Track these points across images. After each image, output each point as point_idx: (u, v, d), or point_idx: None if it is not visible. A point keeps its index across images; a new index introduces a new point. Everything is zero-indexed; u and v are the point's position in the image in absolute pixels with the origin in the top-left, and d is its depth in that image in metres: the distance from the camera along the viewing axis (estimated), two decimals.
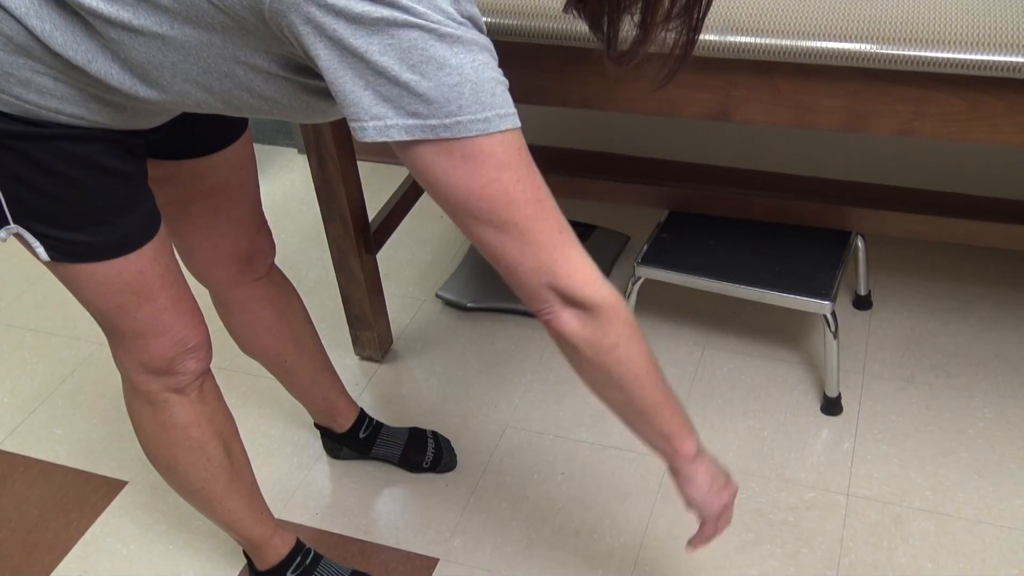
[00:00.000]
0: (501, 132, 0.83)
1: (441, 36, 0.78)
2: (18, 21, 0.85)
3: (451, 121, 0.81)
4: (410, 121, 0.81)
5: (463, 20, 0.80)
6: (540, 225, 0.87)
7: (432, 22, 0.78)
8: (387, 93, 0.80)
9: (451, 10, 0.79)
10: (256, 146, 2.63)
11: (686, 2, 0.86)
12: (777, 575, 1.44)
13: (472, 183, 0.85)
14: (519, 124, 0.85)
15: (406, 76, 0.78)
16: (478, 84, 0.80)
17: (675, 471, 1.07)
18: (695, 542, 1.12)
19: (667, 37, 0.89)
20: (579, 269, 0.89)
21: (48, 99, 0.90)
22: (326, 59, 0.79)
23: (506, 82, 0.84)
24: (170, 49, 0.86)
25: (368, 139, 0.82)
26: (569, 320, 0.91)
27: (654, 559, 1.48)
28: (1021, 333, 1.84)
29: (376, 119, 0.81)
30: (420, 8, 0.77)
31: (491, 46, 0.83)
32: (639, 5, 0.85)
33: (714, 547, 1.48)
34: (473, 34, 0.81)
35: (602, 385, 0.98)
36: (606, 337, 0.92)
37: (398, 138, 0.82)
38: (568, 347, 0.94)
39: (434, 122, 0.81)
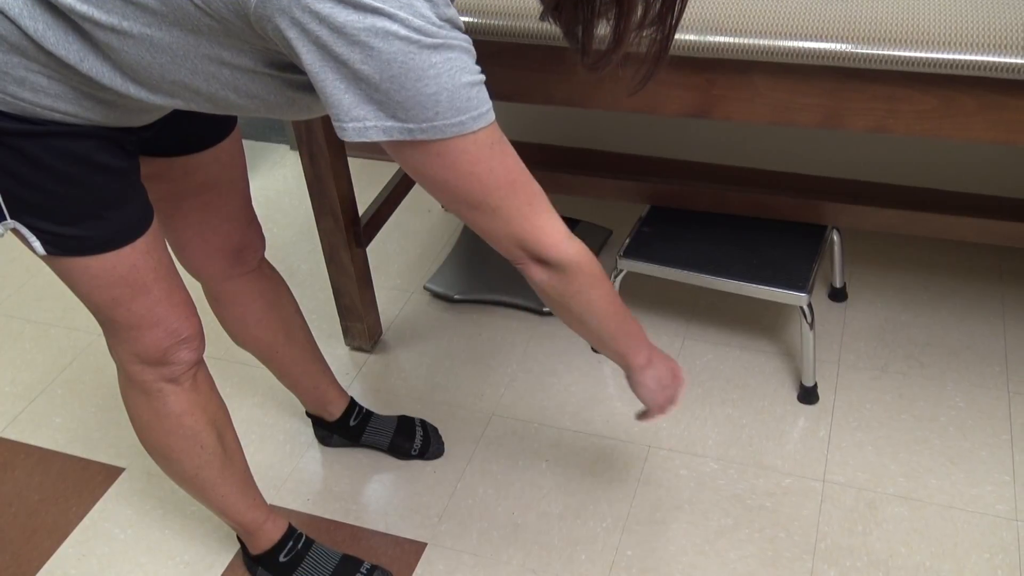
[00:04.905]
0: (474, 132, 0.87)
1: (421, 47, 0.80)
2: (12, 21, 0.85)
3: (428, 126, 0.84)
4: (388, 123, 0.84)
5: (442, 23, 0.82)
6: (510, 202, 0.95)
7: (413, 30, 0.80)
8: (367, 97, 0.82)
9: (431, 15, 0.81)
10: (249, 143, 2.65)
11: (659, 10, 0.89)
12: (755, 559, 1.46)
13: (447, 175, 0.90)
14: (493, 119, 0.89)
15: (386, 85, 0.81)
16: (454, 91, 0.83)
17: (628, 377, 1.23)
18: (642, 418, 1.31)
19: (641, 43, 0.92)
20: (546, 234, 0.98)
21: (42, 97, 0.90)
22: (309, 61, 0.82)
23: (482, 79, 0.86)
24: (158, 51, 0.87)
25: (347, 139, 0.85)
26: (538, 272, 1.02)
27: (636, 543, 1.50)
28: (992, 324, 1.86)
29: (356, 120, 0.84)
30: (402, 15, 0.79)
31: (469, 44, 0.86)
32: (613, 12, 0.88)
33: (694, 532, 1.51)
34: (452, 38, 0.83)
35: (567, 318, 1.11)
36: (569, 286, 1.03)
37: (376, 139, 0.85)
38: (538, 290, 1.05)
39: (411, 126, 0.84)
